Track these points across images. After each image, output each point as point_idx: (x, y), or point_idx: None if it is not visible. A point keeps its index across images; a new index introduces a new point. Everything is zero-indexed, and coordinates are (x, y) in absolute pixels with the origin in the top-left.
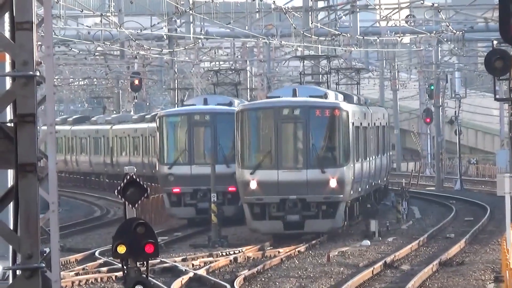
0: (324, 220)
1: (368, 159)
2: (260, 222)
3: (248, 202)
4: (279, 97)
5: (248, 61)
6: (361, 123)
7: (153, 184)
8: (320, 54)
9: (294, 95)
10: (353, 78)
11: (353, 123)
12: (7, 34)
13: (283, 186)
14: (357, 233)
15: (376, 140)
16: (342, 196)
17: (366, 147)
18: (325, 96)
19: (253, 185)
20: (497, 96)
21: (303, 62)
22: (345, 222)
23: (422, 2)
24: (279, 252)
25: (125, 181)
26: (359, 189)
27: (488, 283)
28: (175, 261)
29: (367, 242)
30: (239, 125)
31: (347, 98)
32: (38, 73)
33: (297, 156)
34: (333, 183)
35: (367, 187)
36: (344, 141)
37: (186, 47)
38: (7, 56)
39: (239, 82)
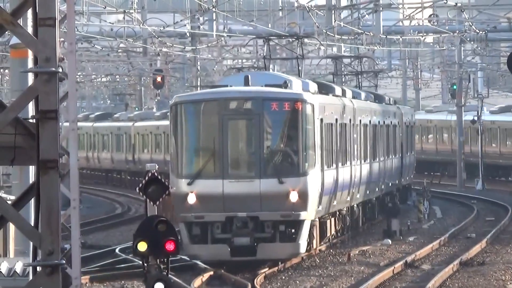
0: (282, 244)
1: (352, 163)
2: (200, 246)
3: (185, 221)
4: (226, 86)
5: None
6: (336, 120)
7: None
8: (287, 34)
9: (246, 83)
10: (366, 69)
11: (321, 120)
12: (29, 30)
13: (230, 200)
14: (378, 232)
15: (372, 140)
16: (305, 213)
17: (347, 148)
18: (285, 84)
19: (192, 199)
20: None
21: (268, 44)
22: (311, 246)
23: (445, 1)
24: None
25: (146, 178)
26: (334, 203)
27: (509, 283)
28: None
29: (388, 241)
30: (173, 122)
31: (325, 89)
32: (60, 70)
33: (247, 162)
34: (293, 197)
35: (354, 198)
36: (308, 142)
37: (209, 45)
38: (30, 52)
39: None
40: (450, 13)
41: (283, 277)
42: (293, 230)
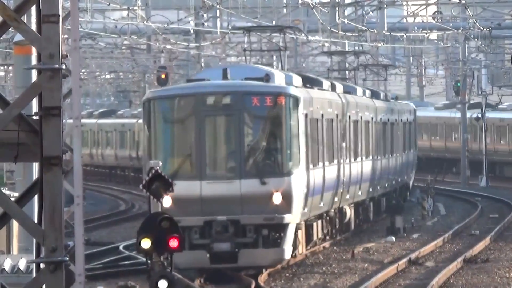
0: (265, 250)
1: (340, 161)
2: (177, 253)
3: None
4: (203, 80)
5: (274, 56)
6: (322, 115)
7: None
8: (269, 25)
9: (225, 77)
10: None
11: (306, 115)
12: (33, 27)
13: (208, 203)
14: (382, 229)
15: (365, 137)
16: (290, 216)
17: (336, 146)
18: (266, 78)
19: (167, 201)
20: None
21: (249, 36)
22: (297, 252)
23: None
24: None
25: (150, 175)
26: (321, 204)
27: None
28: None
29: (392, 239)
30: (146, 120)
31: (311, 82)
32: (64, 66)
33: (227, 161)
34: (277, 198)
35: (343, 198)
36: (292, 139)
37: (213, 42)
38: (34, 49)
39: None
40: (454, 10)
41: (287, 274)
42: (276, 235)
